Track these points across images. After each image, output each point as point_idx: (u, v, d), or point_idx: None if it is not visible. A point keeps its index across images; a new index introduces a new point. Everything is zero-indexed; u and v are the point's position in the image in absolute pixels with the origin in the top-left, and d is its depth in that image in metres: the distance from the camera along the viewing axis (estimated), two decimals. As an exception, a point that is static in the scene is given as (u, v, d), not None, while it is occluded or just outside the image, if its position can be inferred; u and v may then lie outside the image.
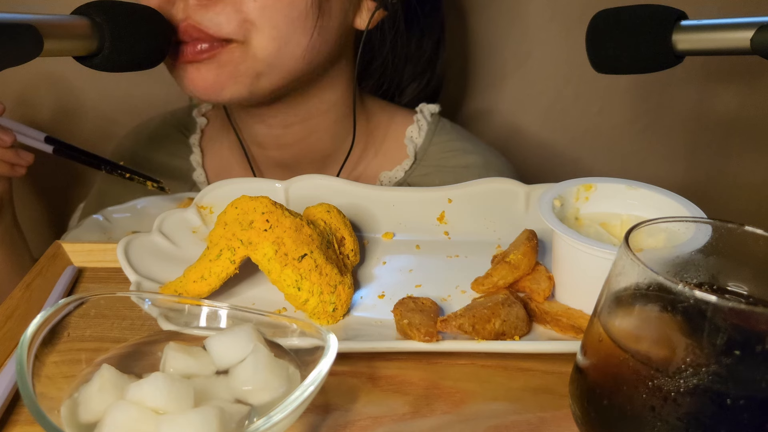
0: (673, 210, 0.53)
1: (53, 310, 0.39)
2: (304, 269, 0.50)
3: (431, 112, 0.86)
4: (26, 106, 1.05)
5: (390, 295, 0.55)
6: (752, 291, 0.36)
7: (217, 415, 0.34)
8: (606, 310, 0.35)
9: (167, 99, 0.98)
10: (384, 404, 0.45)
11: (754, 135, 1.17)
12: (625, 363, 0.32)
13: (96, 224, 0.77)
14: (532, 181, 0.65)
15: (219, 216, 0.53)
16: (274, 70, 0.68)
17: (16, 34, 0.49)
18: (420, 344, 0.47)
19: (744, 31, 0.53)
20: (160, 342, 0.42)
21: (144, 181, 0.79)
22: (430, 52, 0.90)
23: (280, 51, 0.67)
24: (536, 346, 0.47)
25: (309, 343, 0.41)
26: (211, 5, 0.63)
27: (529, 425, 0.43)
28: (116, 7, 0.57)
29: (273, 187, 0.64)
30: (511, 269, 0.53)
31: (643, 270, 0.32)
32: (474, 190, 0.64)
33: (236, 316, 0.43)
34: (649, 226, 0.36)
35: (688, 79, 1.12)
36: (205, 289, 0.51)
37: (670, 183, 0.60)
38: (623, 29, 0.59)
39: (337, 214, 0.57)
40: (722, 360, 0.30)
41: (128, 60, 0.59)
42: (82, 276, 0.60)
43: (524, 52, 1.09)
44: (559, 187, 0.56)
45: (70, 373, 0.39)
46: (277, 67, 0.68)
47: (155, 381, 0.36)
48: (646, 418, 0.32)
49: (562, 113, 1.14)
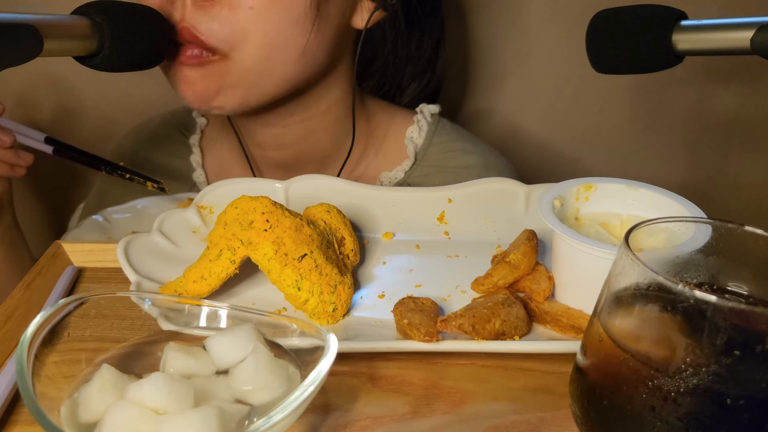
0: (673, 210, 0.53)
1: (53, 310, 0.39)
2: (304, 269, 0.50)
3: (431, 112, 0.86)
4: (26, 106, 1.05)
5: (390, 295, 0.55)
6: (752, 291, 0.36)
7: (217, 415, 0.34)
8: (606, 310, 0.35)
9: (167, 99, 0.97)
10: (384, 404, 0.45)
11: (754, 135, 1.17)
12: (625, 363, 0.32)
13: (96, 224, 0.77)
14: (532, 181, 0.65)
15: (219, 216, 0.53)
16: (266, 77, 0.68)
17: (16, 34, 0.49)
18: (420, 344, 0.47)
19: (744, 31, 0.53)
20: (160, 342, 0.42)
21: (144, 181, 0.79)
22: (430, 52, 0.89)
23: (271, 58, 0.67)
24: (536, 346, 0.47)
25: (309, 343, 0.41)
26: (207, 7, 0.63)
27: (529, 425, 0.43)
28: (116, 7, 0.57)
29: (273, 187, 0.64)
30: (511, 269, 0.53)
31: (643, 270, 0.32)
32: (474, 190, 0.64)
33: (236, 316, 0.43)
34: (649, 226, 0.36)
35: (688, 79, 1.12)
36: (205, 289, 0.51)
37: (670, 183, 0.60)
38: (623, 29, 0.59)
39: (337, 214, 0.57)
40: (722, 360, 0.30)
41: (128, 60, 0.59)
42: (82, 276, 0.60)
43: (524, 52, 1.09)
44: (559, 187, 0.56)
45: (70, 373, 0.39)
46: (271, 73, 0.68)
47: (155, 381, 0.36)
48: (646, 418, 0.32)
49: (562, 113, 1.14)
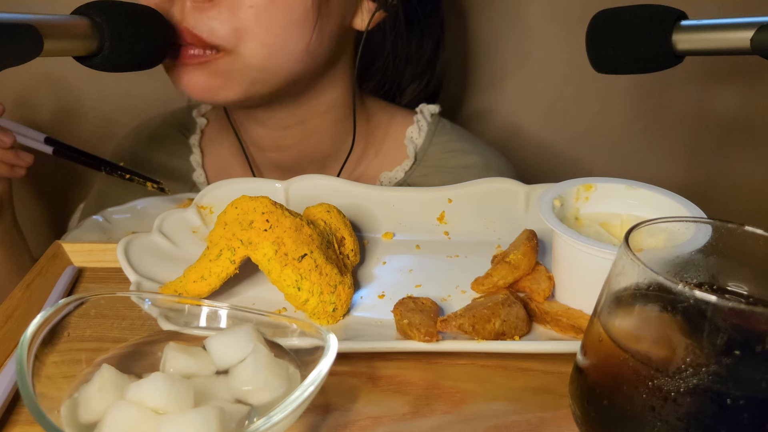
0: (673, 210, 0.53)
1: (53, 310, 0.39)
2: (304, 269, 0.50)
3: (431, 112, 0.86)
4: (26, 106, 1.05)
5: (390, 295, 0.55)
6: (752, 291, 0.36)
7: (217, 415, 0.34)
8: (606, 310, 0.35)
9: (167, 99, 0.98)
10: (384, 404, 0.45)
11: (754, 135, 1.17)
12: (625, 363, 0.32)
13: (96, 225, 0.77)
14: (532, 181, 0.65)
15: (219, 216, 0.53)
16: (269, 74, 0.68)
17: (16, 34, 0.49)
18: (420, 344, 0.47)
19: (744, 31, 0.53)
20: (160, 342, 0.42)
21: (144, 181, 0.79)
22: (430, 53, 0.89)
23: (274, 56, 0.67)
24: (536, 346, 0.47)
25: (309, 343, 0.41)
26: (206, 9, 0.63)
27: (529, 425, 0.43)
28: (116, 7, 0.57)
29: (273, 187, 0.64)
30: (511, 269, 0.53)
31: (643, 270, 0.32)
32: (474, 190, 0.64)
33: (236, 316, 0.43)
34: (649, 226, 0.36)
35: (688, 79, 1.12)
36: (205, 289, 0.51)
37: (670, 183, 0.60)
38: (623, 29, 0.59)
39: (337, 214, 0.57)
40: (722, 360, 0.30)
41: (128, 60, 0.59)
42: (82, 276, 0.60)
43: (524, 52, 1.09)
44: (559, 187, 0.56)
45: (70, 373, 0.39)
46: (273, 71, 0.68)
47: (155, 381, 0.36)
48: (646, 418, 0.32)
49: (562, 113, 1.14)
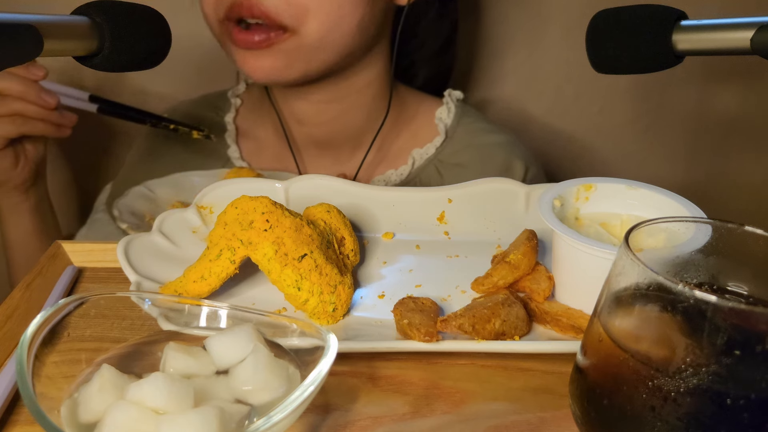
0: (673, 210, 0.53)
1: (53, 310, 0.39)
2: (304, 269, 0.50)
3: (457, 97, 0.92)
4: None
5: (390, 295, 0.55)
6: (752, 291, 0.36)
7: (217, 415, 0.34)
8: (606, 310, 0.35)
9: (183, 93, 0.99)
10: (384, 404, 0.45)
11: (754, 135, 1.17)
12: (625, 363, 0.32)
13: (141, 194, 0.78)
14: (532, 180, 0.66)
15: (219, 216, 0.53)
16: (325, 51, 0.73)
17: (16, 34, 0.49)
18: (420, 344, 0.47)
19: (744, 31, 0.53)
20: (160, 342, 0.42)
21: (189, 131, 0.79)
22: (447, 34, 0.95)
23: (331, 33, 0.71)
24: (536, 346, 0.47)
25: (309, 343, 0.41)
26: None
27: (529, 425, 0.43)
28: (116, 7, 0.57)
29: (273, 187, 0.64)
30: (511, 269, 0.53)
31: (643, 270, 0.32)
32: (474, 190, 0.64)
33: (236, 316, 0.43)
34: (649, 226, 0.36)
35: (688, 79, 1.12)
36: (205, 289, 0.51)
37: (670, 183, 0.60)
38: (623, 29, 0.59)
39: (337, 214, 0.57)
40: (722, 360, 0.30)
41: (128, 60, 0.59)
42: (82, 276, 0.60)
43: (525, 52, 1.09)
44: (559, 187, 0.56)
45: (70, 373, 0.39)
46: (329, 48, 0.73)
47: (155, 381, 0.36)
48: (646, 418, 0.32)
49: (562, 113, 1.14)
